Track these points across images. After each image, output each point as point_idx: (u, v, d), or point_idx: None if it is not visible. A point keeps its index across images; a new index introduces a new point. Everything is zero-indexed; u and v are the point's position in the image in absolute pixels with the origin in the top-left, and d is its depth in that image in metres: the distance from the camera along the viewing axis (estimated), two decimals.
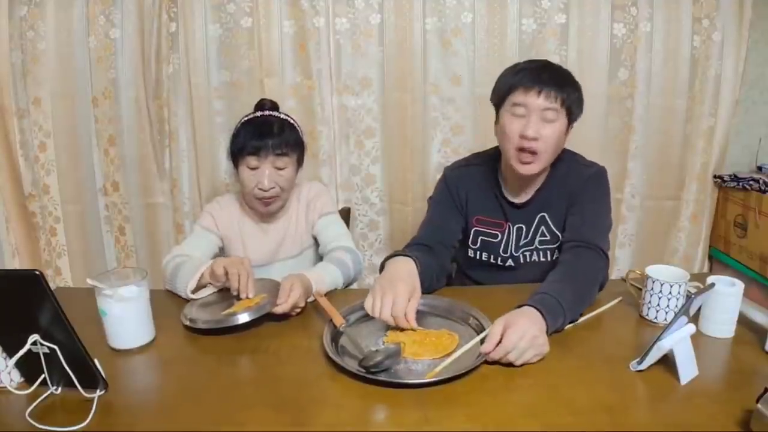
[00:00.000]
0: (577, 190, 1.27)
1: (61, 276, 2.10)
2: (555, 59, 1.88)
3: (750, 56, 1.94)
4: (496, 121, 1.29)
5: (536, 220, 1.31)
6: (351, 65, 1.90)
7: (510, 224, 1.33)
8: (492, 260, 1.36)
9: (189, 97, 1.90)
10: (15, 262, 2.03)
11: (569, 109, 1.20)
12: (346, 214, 1.73)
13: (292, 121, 1.42)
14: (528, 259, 1.34)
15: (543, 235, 1.31)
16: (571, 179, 1.29)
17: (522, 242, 1.33)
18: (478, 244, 1.37)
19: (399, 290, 1.01)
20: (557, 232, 1.30)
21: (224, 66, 1.89)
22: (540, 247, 1.32)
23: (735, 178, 1.96)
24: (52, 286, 0.80)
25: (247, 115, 1.41)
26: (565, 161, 1.32)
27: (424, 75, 1.90)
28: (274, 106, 1.43)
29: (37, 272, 0.75)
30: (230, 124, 1.45)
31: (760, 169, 2.04)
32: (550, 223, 1.30)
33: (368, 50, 1.89)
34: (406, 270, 1.09)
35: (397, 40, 1.87)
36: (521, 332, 0.90)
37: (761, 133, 2.09)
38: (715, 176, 2.04)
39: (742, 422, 0.75)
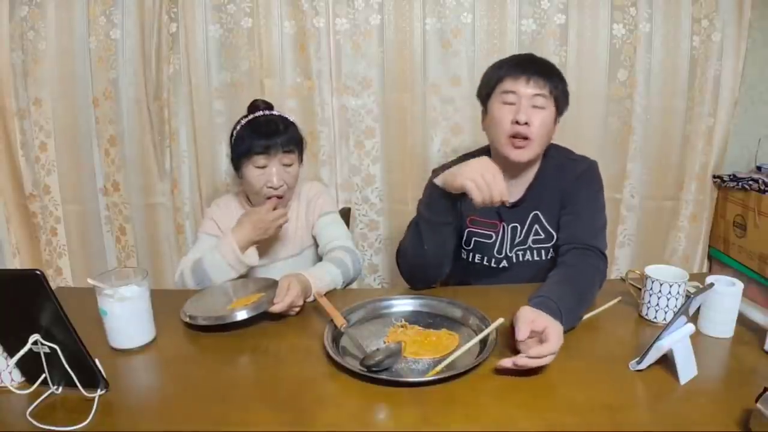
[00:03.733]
0: (570, 188, 1.27)
1: (61, 276, 2.10)
2: (555, 60, 1.87)
3: (749, 56, 1.93)
4: (484, 117, 1.31)
5: (530, 219, 1.30)
6: (351, 65, 1.90)
7: (504, 224, 1.32)
8: (485, 262, 1.36)
9: (189, 97, 1.90)
10: (16, 262, 2.04)
11: (557, 99, 1.23)
12: (346, 214, 1.73)
13: (292, 119, 1.43)
14: (521, 259, 1.33)
15: (537, 233, 1.31)
16: (564, 176, 1.28)
17: (516, 241, 1.32)
18: (471, 245, 1.36)
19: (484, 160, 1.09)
20: (551, 230, 1.29)
21: (224, 66, 1.89)
22: (533, 246, 1.32)
23: (734, 178, 1.96)
24: (53, 285, 0.80)
25: (245, 117, 1.41)
26: (554, 157, 1.32)
27: (424, 75, 1.90)
28: (269, 107, 1.44)
29: (38, 272, 0.75)
30: (230, 124, 1.45)
31: (759, 169, 2.03)
32: (543, 221, 1.30)
33: (368, 50, 1.89)
34: None
35: (397, 41, 1.87)
36: (559, 335, 0.89)
37: (761, 133, 2.08)
38: (714, 176, 2.04)
39: (742, 422, 0.75)
